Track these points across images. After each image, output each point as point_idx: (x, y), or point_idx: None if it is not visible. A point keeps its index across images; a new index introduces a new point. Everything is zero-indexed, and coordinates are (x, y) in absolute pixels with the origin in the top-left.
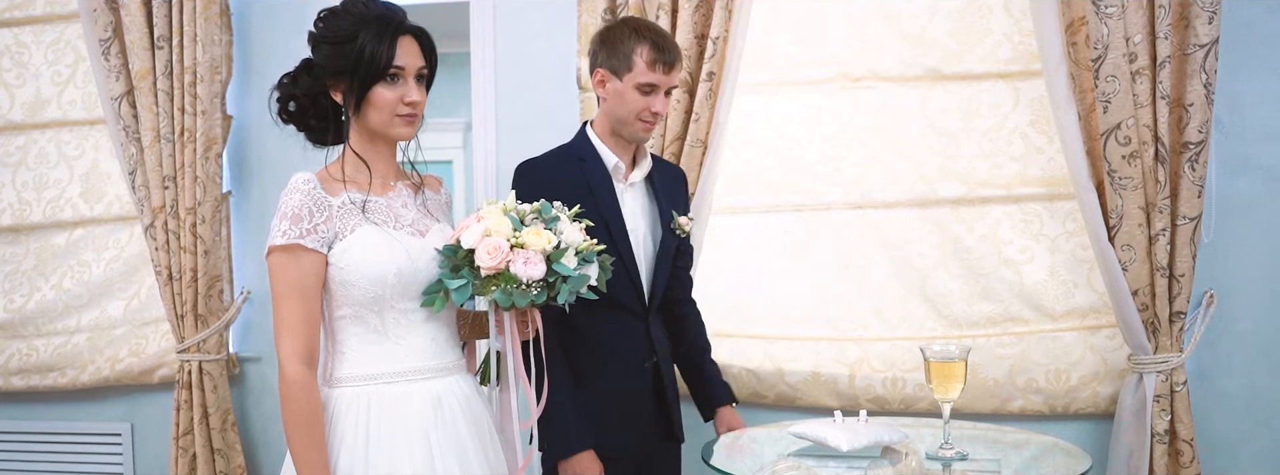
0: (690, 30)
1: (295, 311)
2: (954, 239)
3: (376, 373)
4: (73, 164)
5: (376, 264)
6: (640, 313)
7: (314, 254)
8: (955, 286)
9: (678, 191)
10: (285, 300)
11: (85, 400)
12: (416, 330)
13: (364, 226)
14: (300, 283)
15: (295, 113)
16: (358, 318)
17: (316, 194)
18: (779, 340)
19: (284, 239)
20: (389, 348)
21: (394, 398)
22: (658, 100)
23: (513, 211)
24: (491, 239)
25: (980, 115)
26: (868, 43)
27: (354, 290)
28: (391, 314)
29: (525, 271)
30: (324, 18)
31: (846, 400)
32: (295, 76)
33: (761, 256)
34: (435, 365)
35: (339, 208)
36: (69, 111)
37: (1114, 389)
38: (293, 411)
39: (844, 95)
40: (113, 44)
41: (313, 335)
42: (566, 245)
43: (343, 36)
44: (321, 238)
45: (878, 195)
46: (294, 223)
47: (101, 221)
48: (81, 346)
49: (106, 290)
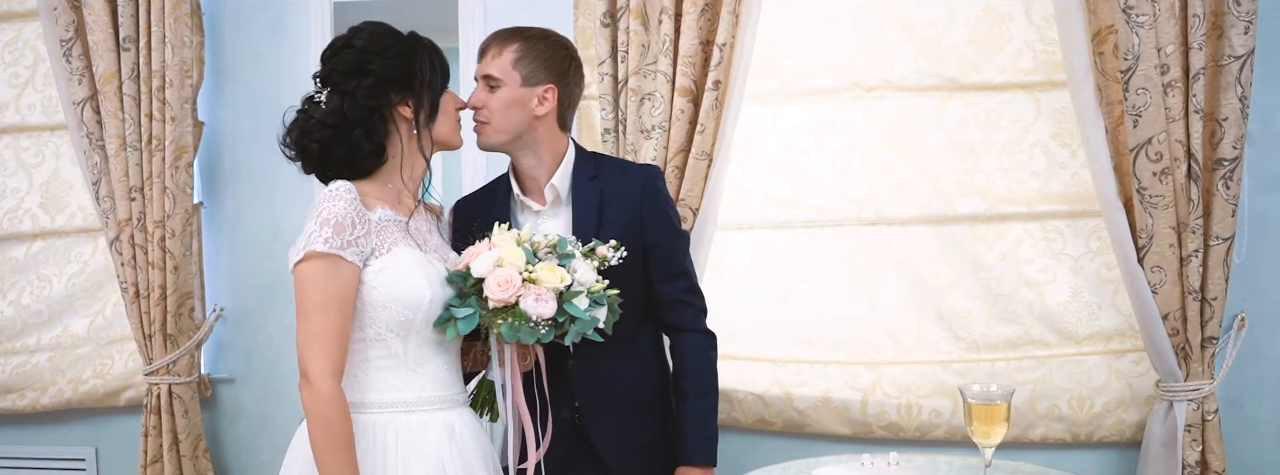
0: (695, 36)
1: (329, 323)
2: (972, 258)
3: (394, 400)
4: (32, 172)
5: (414, 287)
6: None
7: (353, 266)
8: (973, 307)
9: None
10: (320, 311)
11: (47, 423)
12: (434, 359)
13: (400, 246)
14: (338, 294)
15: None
16: (380, 341)
17: (357, 205)
18: (787, 363)
19: (326, 247)
20: (407, 375)
21: (411, 427)
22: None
23: (527, 243)
24: (503, 270)
25: (1000, 127)
26: (881, 51)
27: (385, 313)
28: (416, 340)
29: (536, 309)
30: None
31: (858, 427)
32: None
33: (768, 275)
34: (449, 395)
35: (377, 223)
36: (27, 116)
37: (1140, 416)
38: (329, 432)
39: (856, 106)
40: (74, 45)
41: (344, 350)
42: (580, 285)
43: (404, 47)
44: (360, 252)
45: (891, 211)
46: (337, 231)
47: (64, 233)
48: (42, 366)
49: (69, 307)
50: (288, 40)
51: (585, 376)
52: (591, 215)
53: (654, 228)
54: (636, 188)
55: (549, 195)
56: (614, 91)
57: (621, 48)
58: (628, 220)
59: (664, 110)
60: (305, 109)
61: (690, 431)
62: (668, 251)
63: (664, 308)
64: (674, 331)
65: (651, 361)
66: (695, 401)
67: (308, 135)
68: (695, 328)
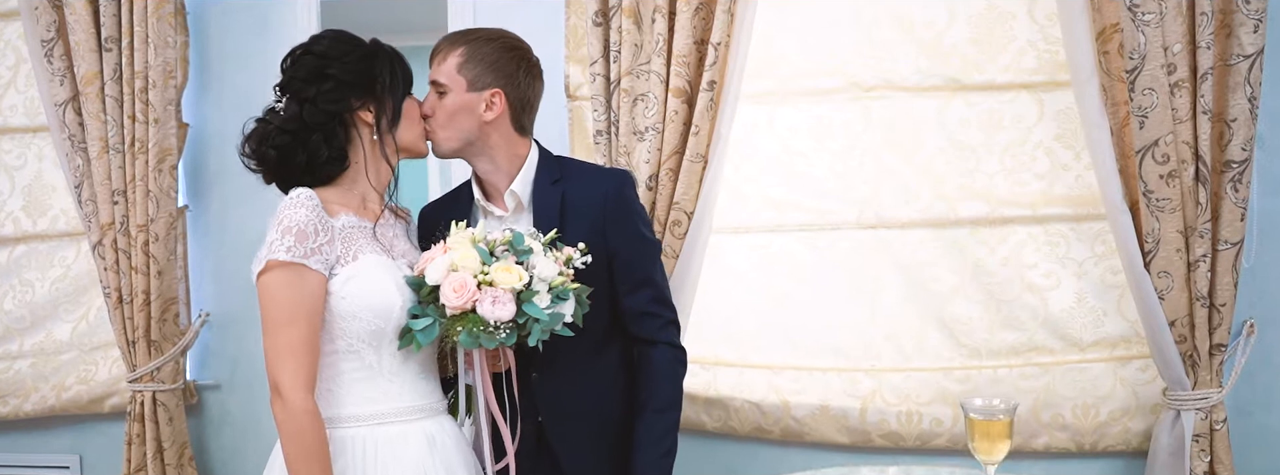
0: (689, 35)
1: (298, 336)
2: (974, 262)
3: (371, 412)
4: (14, 174)
5: (384, 294)
6: (523, 366)
7: (318, 275)
8: (975, 313)
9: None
10: (288, 324)
11: (30, 430)
12: (409, 368)
13: (367, 253)
14: (305, 305)
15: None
16: (352, 352)
17: (320, 212)
18: (784, 370)
19: (289, 256)
20: (382, 386)
21: (390, 439)
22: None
23: (482, 242)
24: (458, 274)
25: (1002, 129)
26: (881, 50)
27: (355, 323)
28: (389, 349)
29: (492, 312)
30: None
31: (857, 436)
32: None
33: (765, 280)
34: (427, 404)
35: (340, 230)
36: (9, 117)
37: (1146, 425)
38: (303, 446)
39: (855, 106)
40: (56, 45)
41: (314, 363)
42: (541, 280)
43: (363, 53)
44: (324, 260)
45: (891, 214)
46: (300, 240)
47: (46, 237)
48: (25, 373)
49: (52, 312)
50: (274, 40)
51: (549, 390)
52: (552, 221)
53: (617, 235)
54: (600, 193)
55: (510, 202)
56: (606, 92)
57: (613, 47)
58: (590, 226)
59: (657, 111)
60: (264, 117)
61: (643, 448)
62: (631, 260)
63: (629, 319)
64: (639, 344)
65: (621, 378)
66: (653, 415)
67: (265, 142)
68: (661, 340)
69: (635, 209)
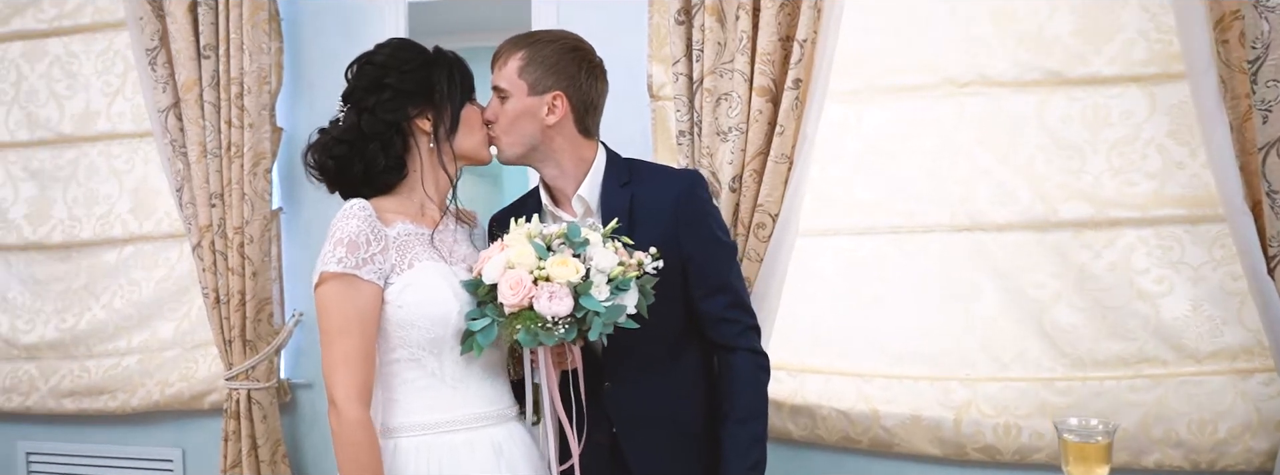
0: (774, 32)
1: (352, 346)
2: (1078, 267)
3: (436, 421)
4: (122, 178)
5: (440, 303)
6: (593, 376)
7: (372, 286)
8: (1079, 321)
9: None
10: (341, 334)
11: (136, 424)
12: (475, 374)
13: (423, 261)
14: (358, 316)
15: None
16: (414, 361)
17: (373, 222)
18: (874, 378)
19: (340, 267)
20: (447, 394)
21: (455, 447)
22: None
23: (538, 237)
24: (514, 272)
25: (1109, 124)
26: (976, 44)
27: (413, 331)
28: (450, 356)
29: (549, 308)
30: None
31: (951, 448)
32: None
33: (853, 285)
34: (494, 411)
35: (395, 239)
36: (118, 124)
37: (1271, 444)
38: (355, 457)
39: (948, 103)
40: (159, 53)
41: (370, 372)
42: (599, 272)
43: (421, 62)
44: (378, 270)
45: (988, 216)
46: (351, 250)
47: (151, 238)
48: (132, 369)
49: (157, 310)
50: (364, 43)
51: (622, 399)
52: (621, 224)
53: (691, 238)
54: (671, 194)
55: (578, 207)
56: (689, 92)
57: (696, 46)
58: (661, 229)
59: (741, 111)
60: (326, 127)
61: (730, 461)
62: (706, 264)
63: (707, 324)
64: (719, 350)
65: (700, 386)
66: (737, 426)
67: (325, 152)
68: (741, 346)
69: (709, 211)
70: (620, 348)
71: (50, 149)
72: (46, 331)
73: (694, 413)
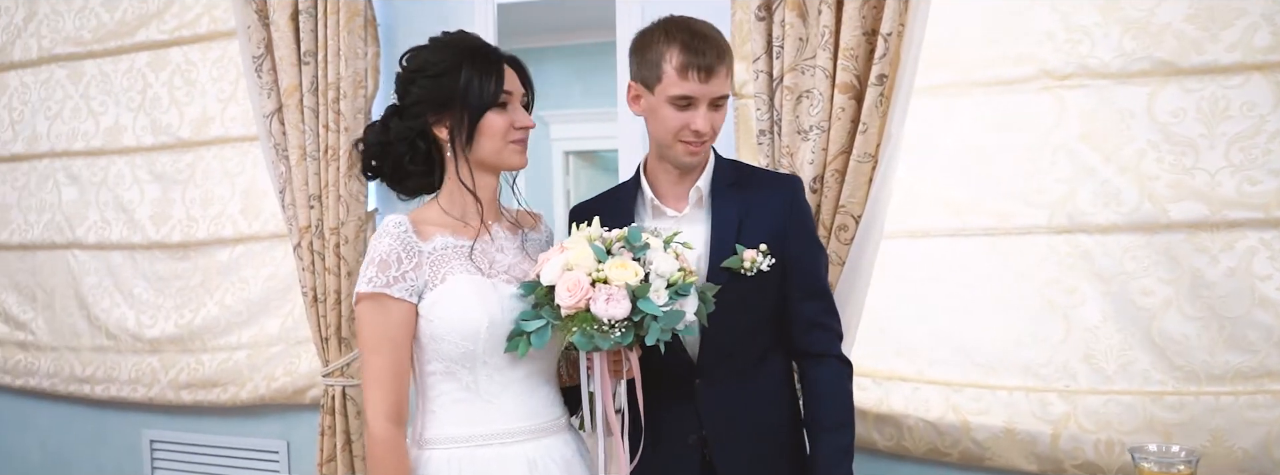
0: (857, 26)
1: (383, 365)
2: (1192, 272)
3: (468, 434)
4: (234, 180)
5: (467, 317)
6: (685, 376)
7: (402, 304)
8: (1192, 331)
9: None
10: (372, 352)
11: (245, 416)
12: (511, 388)
13: (456, 275)
14: (388, 334)
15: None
16: (449, 374)
17: (407, 238)
18: (965, 388)
19: (370, 287)
20: (481, 407)
21: (486, 461)
22: (697, 116)
23: (598, 240)
24: (572, 274)
25: (1228, 118)
26: (1078, 33)
27: (444, 345)
28: (484, 370)
29: (606, 310)
30: (416, 53)
31: (1048, 464)
32: (385, 122)
33: (943, 289)
34: (531, 426)
35: (430, 254)
36: (230, 128)
37: None
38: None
39: (1047, 97)
40: (265, 60)
41: (401, 390)
42: (659, 276)
43: (445, 67)
44: (410, 287)
45: (1090, 218)
46: (381, 270)
47: (259, 238)
48: (242, 363)
49: (264, 308)
50: None
51: (713, 400)
52: (731, 224)
53: (797, 241)
54: (781, 197)
55: (692, 197)
56: (769, 90)
57: (777, 42)
58: (771, 231)
59: (823, 109)
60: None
61: (821, 470)
62: (810, 268)
63: (800, 330)
64: (807, 357)
65: (783, 391)
66: (833, 434)
67: (364, 151)
68: (831, 353)
69: (811, 215)
70: (716, 348)
71: (171, 153)
72: (167, 326)
73: (780, 419)
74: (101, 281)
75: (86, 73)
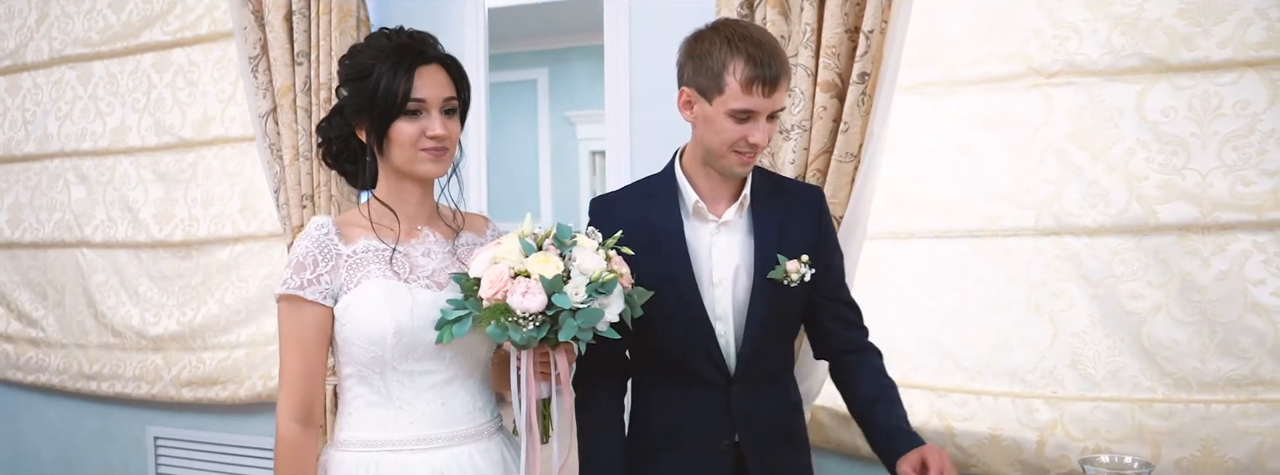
0: (840, 23)
1: (293, 366)
2: (1182, 276)
3: (380, 438)
4: (234, 180)
5: (374, 322)
6: (719, 382)
7: (316, 306)
8: (1182, 337)
9: (801, 223)
10: (285, 353)
11: (247, 413)
12: (424, 396)
13: (370, 280)
14: (299, 336)
15: (329, 158)
16: (362, 378)
17: (326, 241)
18: (949, 393)
19: (285, 288)
20: (393, 413)
21: (394, 467)
22: (757, 129)
23: (529, 236)
24: (497, 266)
25: (1220, 116)
26: (1066, 29)
27: (355, 349)
28: (395, 376)
29: (521, 303)
30: (350, 52)
31: (1034, 472)
32: (330, 119)
33: (928, 292)
34: (444, 434)
35: (349, 257)
36: (230, 128)
37: None
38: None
39: (1034, 95)
40: (260, 61)
41: (311, 392)
42: (581, 273)
43: (360, 72)
44: (325, 290)
45: (1078, 219)
46: (297, 272)
47: (257, 238)
48: (240, 361)
49: (262, 306)
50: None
51: (747, 406)
52: (772, 231)
53: (825, 248)
54: (813, 207)
55: (736, 205)
56: None
57: None
58: (803, 238)
59: (804, 107)
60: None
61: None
62: (840, 274)
63: (840, 329)
64: (854, 353)
65: (794, 395)
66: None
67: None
68: (873, 346)
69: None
70: (753, 356)
71: (174, 153)
72: (170, 324)
73: (799, 425)
74: (108, 280)
75: (95, 74)
